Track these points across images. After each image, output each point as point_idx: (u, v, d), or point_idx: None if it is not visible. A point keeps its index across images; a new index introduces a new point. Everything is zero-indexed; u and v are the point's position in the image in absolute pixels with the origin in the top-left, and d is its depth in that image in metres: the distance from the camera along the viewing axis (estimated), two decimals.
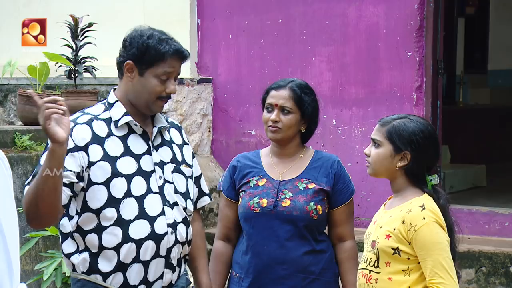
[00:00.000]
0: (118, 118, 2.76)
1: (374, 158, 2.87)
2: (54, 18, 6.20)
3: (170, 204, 2.78)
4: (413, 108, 5.95)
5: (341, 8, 6.22)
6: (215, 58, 6.74)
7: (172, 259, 2.76)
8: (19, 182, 5.21)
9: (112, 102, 2.80)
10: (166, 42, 2.75)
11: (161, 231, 2.73)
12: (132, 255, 2.69)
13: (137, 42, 2.74)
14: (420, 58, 5.95)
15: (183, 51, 2.78)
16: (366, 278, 2.84)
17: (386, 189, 6.39)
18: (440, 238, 2.75)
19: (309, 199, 3.14)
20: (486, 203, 6.22)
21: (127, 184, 2.70)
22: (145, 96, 2.74)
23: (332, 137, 6.22)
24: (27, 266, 5.15)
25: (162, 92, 2.75)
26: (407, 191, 2.85)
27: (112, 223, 2.68)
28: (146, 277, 2.72)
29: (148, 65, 2.73)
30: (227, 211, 3.26)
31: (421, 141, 2.82)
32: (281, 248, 3.12)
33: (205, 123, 6.76)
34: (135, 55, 2.73)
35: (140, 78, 2.74)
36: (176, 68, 2.77)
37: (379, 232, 2.84)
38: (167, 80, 2.75)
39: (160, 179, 2.77)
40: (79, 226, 2.71)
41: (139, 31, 2.77)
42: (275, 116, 3.16)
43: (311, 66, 6.34)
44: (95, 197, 2.68)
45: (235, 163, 3.27)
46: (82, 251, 2.71)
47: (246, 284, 3.16)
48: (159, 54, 2.72)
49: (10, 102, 6.85)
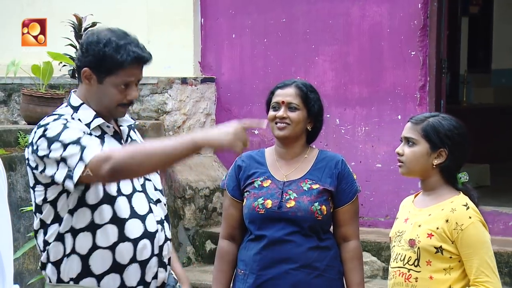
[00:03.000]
0: (89, 121, 2.66)
1: (410, 156, 2.84)
2: (57, 18, 6.21)
3: (154, 202, 2.73)
4: (417, 108, 5.95)
5: (344, 8, 6.22)
6: (218, 57, 6.74)
7: (164, 257, 2.72)
8: (23, 182, 5.21)
9: (76, 105, 2.69)
10: (124, 49, 2.60)
11: (153, 229, 2.67)
12: (129, 255, 2.62)
13: (93, 50, 2.62)
14: (424, 57, 5.94)
15: (143, 56, 2.63)
16: (405, 277, 2.82)
17: (389, 188, 6.42)
18: (485, 237, 2.77)
19: (313, 200, 3.14)
20: (489, 202, 6.21)
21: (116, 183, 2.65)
22: (106, 103, 2.65)
23: (336, 137, 6.22)
24: (30, 265, 5.16)
25: (123, 99, 2.65)
26: (442, 190, 2.85)
27: (107, 221, 2.61)
28: (144, 278, 2.65)
29: (106, 74, 2.62)
30: (232, 210, 3.26)
31: (457, 137, 2.83)
32: (286, 244, 3.13)
33: (209, 122, 6.76)
34: (92, 63, 2.62)
35: (99, 86, 2.64)
36: (136, 74, 2.65)
37: (418, 231, 2.81)
38: (128, 87, 2.65)
39: (140, 178, 2.72)
40: (72, 225, 2.60)
41: (95, 36, 2.64)
42: (282, 112, 3.16)
43: (315, 65, 6.34)
44: (93, 192, 2.60)
45: (240, 162, 3.27)
46: (70, 254, 2.61)
47: (251, 280, 3.16)
48: (117, 63, 2.59)
49: (14, 102, 6.86)
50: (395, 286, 2.87)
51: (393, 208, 6.08)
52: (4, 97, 6.91)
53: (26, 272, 5.14)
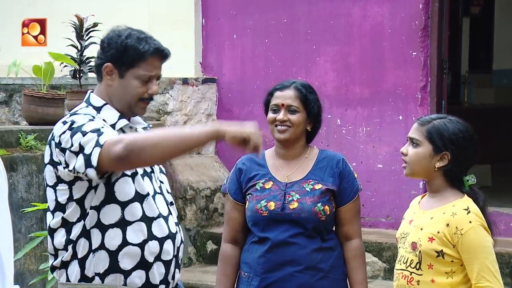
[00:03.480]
0: (114, 122, 2.66)
1: (412, 157, 2.82)
2: (57, 18, 6.21)
3: (169, 204, 2.77)
4: (418, 108, 5.94)
5: (345, 8, 6.22)
6: (219, 58, 6.74)
7: (179, 258, 2.77)
8: (24, 182, 5.22)
9: (99, 105, 2.68)
10: (145, 41, 2.64)
11: (174, 230, 2.72)
12: (155, 254, 2.64)
13: (115, 43, 2.64)
14: (425, 58, 5.94)
15: (163, 49, 2.67)
16: (407, 280, 2.81)
17: (390, 189, 6.41)
18: (486, 242, 2.75)
19: (316, 200, 3.13)
20: (491, 203, 6.12)
21: (142, 182, 2.66)
22: (127, 98, 2.65)
23: (337, 137, 6.22)
24: (32, 266, 5.16)
25: (144, 93, 2.66)
26: (446, 192, 2.83)
27: (138, 219, 2.61)
28: (166, 278, 2.69)
29: (128, 66, 2.63)
30: (234, 214, 3.25)
31: (461, 141, 2.80)
32: (290, 246, 3.12)
33: (210, 123, 6.76)
34: (114, 56, 2.64)
35: (120, 80, 2.65)
36: (157, 68, 2.68)
37: (420, 234, 2.80)
38: (149, 81, 2.66)
39: (157, 180, 2.76)
40: (100, 220, 2.60)
41: (116, 31, 2.67)
42: (282, 116, 3.15)
43: (316, 66, 6.34)
44: (123, 189, 2.60)
45: (240, 165, 3.26)
46: (98, 250, 2.60)
47: (256, 283, 3.15)
48: (139, 53, 2.62)
49: (15, 102, 6.86)
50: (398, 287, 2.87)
51: (394, 209, 6.10)
52: (5, 98, 6.91)
53: (27, 272, 5.14)
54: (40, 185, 5.28)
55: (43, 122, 5.80)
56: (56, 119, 5.90)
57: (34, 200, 5.11)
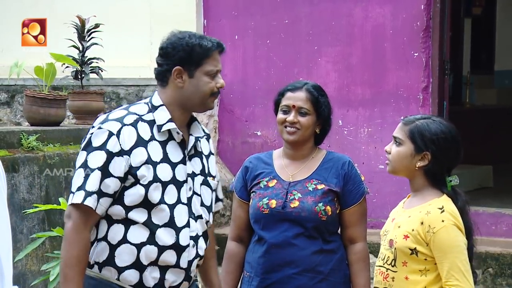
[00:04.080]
0: (162, 123, 2.73)
1: (394, 156, 2.88)
2: (58, 18, 6.22)
3: (195, 217, 2.78)
4: (420, 109, 5.94)
5: (347, 9, 6.22)
6: (221, 58, 6.73)
7: (192, 272, 2.78)
8: (26, 183, 5.22)
9: (157, 105, 2.76)
10: (205, 38, 2.76)
11: (184, 243, 2.73)
12: (152, 258, 2.69)
13: (181, 45, 2.73)
14: (427, 58, 5.94)
15: (222, 44, 2.80)
16: (383, 276, 2.87)
17: (392, 190, 6.42)
18: (457, 241, 2.77)
19: (317, 200, 3.13)
20: (492, 204, 6.20)
21: (162, 190, 2.70)
22: (200, 95, 2.75)
23: (338, 138, 6.22)
24: (33, 267, 5.16)
25: (213, 87, 2.76)
26: (426, 192, 2.86)
27: (141, 223, 2.68)
28: (162, 283, 2.72)
29: (196, 65, 2.73)
30: (240, 212, 3.26)
31: (442, 142, 2.82)
32: (290, 248, 3.13)
33: (211, 123, 6.76)
34: (182, 58, 2.72)
35: (191, 80, 2.74)
36: (219, 62, 2.79)
37: (397, 232, 2.85)
38: (216, 75, 2.77)
39: (190, 191, 2.77)
40: (108, 214, 2.69)
41: (176, 36, 2.76)
42: (292, 118, 3.15)
43: (317, 66, 6.34)
44: (133, 195, 2.68)
45: (247, 164, 3.28)
46: (101, 240, 2.70)
47: (256, 283, 3.16)
48: (205, 50, 2.73)
49: (17, 103, 6.87)
50: (376, 284, 2.92)
51: None
52: (7, 99, 6.92)
53: (29, 273, 5.14)
54: (42, 186, 5.29)
55: (45, 123, 5.80)
56: (58, 120, 5.95)
57: (36, 201, 5.11)
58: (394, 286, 2.83)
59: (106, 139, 2.67)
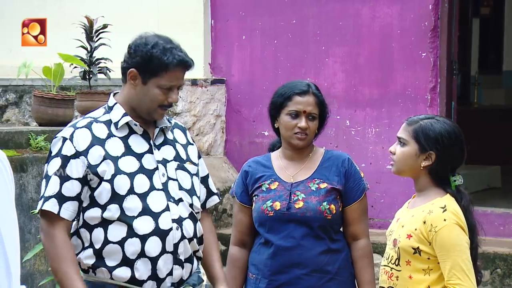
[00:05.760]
0: (117, 120, 2.80)
1: (399, 156, 2.90)
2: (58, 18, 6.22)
3: (175, 200, 2.80)
4: (428, 109, 5.93)
5: (355, 9, 6.21)
6: (228, 59, 6.74)
7: (180, 254, 2.78)
8: (34, 183, 5.23)
9: (111, 105, 2.84)
10: (170, 52, 2.74)
11: (166, 226, 2.75)
12: (137, 250, 2.72)
13: (141, 51, 2.75)
14: (435, 58, 5.93)
15: (187, 61, 2.77)
16: (388, 275, 2.88)
17: (400, 190, 6.42)
18: (460, 240, 2.78)
19: (321, 199, 3.14)
20: (501, 204, 6.18)
21: (130, 181, 2.75)
22: (147, 104, 2.78)
23: (346, 138, 6.21)
24: (41, 266, 5.18)
25: (164, 101, 2.78)
26: (430, 191, 2.88)
27: (116, 219, 2.73)
28: (155, 273, 2.75)
29: (151, 75, 2.75)
30: (241, 216, 3.26)
31: (446, 142, 2.84)
32: (297, 249, 3.13)
33: (219, 124, 6.76)
34: (139, 64, 2.75)
35: (143, 86, 2.77)
36: (179, 78, 2.78)
37: (401, 231, 2.87)
38: (170, 90, 2.77)
39: (163, 176, 2.80)
40: (85, 221, 2.76)
41: (144, 39, 2.78)
42: (305, 124, 3.14)
43: (325, 67, 6.34)
44: (101, 193, 2.74)
45: (246, 168, 3.27)
46: (87, 248, 2.76)
47: (263, 285, 3.16)
48: (163, 64, 2.73)
49: (25, 103, 6.89)
50: (381, 283, 2.94)
51: None
52: (15, 99, 6.94)
53: (37, 273, 5.15)
54: None
55: (53, 123, 5.82)
56: (66, 120, 5.97)
57: None
58: (399, 285, 2.85)
59: (61, 146, 2.77)
